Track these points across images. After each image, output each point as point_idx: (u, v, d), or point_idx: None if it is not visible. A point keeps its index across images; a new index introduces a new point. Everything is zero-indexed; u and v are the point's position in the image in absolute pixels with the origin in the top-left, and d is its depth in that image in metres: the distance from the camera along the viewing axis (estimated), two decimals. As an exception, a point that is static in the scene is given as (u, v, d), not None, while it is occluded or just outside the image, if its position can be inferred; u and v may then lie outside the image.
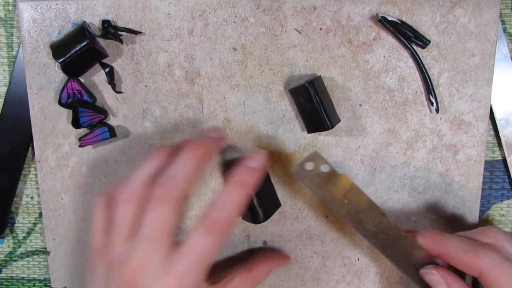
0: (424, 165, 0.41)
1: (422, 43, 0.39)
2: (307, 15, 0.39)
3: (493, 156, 0.43)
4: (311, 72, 0.40)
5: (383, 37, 0.39)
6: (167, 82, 0.41)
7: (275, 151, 0.41)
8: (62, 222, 0.43)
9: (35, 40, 0.41)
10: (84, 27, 0.39)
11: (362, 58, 0.40)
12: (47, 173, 0.43)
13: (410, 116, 0.40)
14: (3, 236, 0.47)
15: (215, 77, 0.41)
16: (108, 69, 0.41)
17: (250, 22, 0.40)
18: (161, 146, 0.37)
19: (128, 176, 0.33)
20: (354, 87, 0.40)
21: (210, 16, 0.40)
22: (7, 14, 0.43)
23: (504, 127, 0.42)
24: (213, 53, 0.40)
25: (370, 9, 0.39)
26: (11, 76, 0.43)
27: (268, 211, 0.39)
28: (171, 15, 0.40)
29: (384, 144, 0.41)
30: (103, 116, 0.41)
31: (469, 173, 0.41)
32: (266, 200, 0.39)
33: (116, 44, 0.40)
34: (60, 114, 0.42)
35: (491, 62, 0.39)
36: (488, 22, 0.39)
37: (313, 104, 0.37)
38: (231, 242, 0.43)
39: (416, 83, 0.40)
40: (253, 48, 0.40)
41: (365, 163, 0.41)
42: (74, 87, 0.40)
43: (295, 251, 0.43)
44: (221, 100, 0.41)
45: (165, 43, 0.40)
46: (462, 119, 0.40)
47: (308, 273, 0.43)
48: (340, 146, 0.41)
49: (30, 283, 0.48)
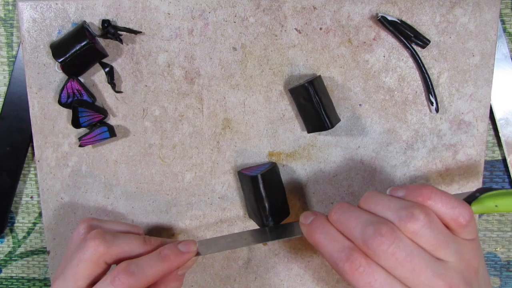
0: (424, 165, 0.41)
1: (422, 43, 0.39)
2: (307, 15, 0.39)
3: (493, 156, 0.43)
4: (311, 72, 0.40)
5: (383, 37, 0.39)
6: (167, 81, 0.41)
7: (275, 151, 0.41)
8: (62, 222, 0.43)
9: (35, 40, 0.41)
10: (84, 26, 0.39)
11: (362, 58, 0.40)
12: (47, 173, 0.43)
13: (410, 116, 0.40)
14: (3, 236, 0.47)
15: (215, 76, 0.41)
16: (108, 68, 0.41)
17: (250, 22, 0.40)
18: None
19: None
20: (354, 87, 0.40)
21: (210, 16, 0.40)
22: (7, 14, 0.43)
23: (504, 127, 0.42)
24: (213, 53, 0.40)
25: (370, 9, 0.39)
26: (11, 75, 0.43)
27: (277, 212, 0.39)
28: (171, 15, 0.40)
29: (384, 143, 0.41)
30: (103, 116, 0.41)
31: (469, 173, 0.41)
32: (276, 201, 0.39)
33: (116, 43, 0.40)
34: (60, 114, 0.42)
35: (491, 62, 0.39)
36: (488, 21, 0.39)
37: (313, 104, 0.37)
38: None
39: (416, 82, 0.40)
40: (253, 48, 0.40)
41: (365, 163, 0.41)
42: (74, 86, 0.40)
43: (295, 251, 0.43)
44: (221, 100, 0.41)
45: (165, 43, 0.40)
46: (462, 118, 0.40)
47: (308, 273, 0.43)
48: (340, 146, 0.41)
49: (30, 283, 0.48)
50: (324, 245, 0.30)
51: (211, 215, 0.43)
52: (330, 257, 0.30)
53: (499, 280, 0.45)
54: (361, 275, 0.28)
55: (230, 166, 0.42)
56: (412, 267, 0.28)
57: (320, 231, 0.31)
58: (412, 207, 0.29)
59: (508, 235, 0.44)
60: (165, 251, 0.35)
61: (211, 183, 0.42)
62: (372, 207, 0.31)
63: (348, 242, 0.29)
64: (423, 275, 0.28)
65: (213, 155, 0.42)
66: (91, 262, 0.33)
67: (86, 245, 0.34)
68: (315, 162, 0.41)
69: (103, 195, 0.43)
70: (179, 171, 0.42)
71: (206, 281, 0.44)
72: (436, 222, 0.29)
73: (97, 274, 0.34)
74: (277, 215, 0.39)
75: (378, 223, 0.29)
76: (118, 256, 0.34)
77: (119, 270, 0.33)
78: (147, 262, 0.34)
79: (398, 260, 0.28)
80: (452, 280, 0.28)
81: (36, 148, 0.42)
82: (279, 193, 0.40)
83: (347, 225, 0.30)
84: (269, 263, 0.43)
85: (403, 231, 0.28)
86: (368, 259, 0.28)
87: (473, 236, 0.31)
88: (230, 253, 0.43)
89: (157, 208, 0.43)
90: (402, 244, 0.28)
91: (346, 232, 0.30)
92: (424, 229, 0.28)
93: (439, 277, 0.28)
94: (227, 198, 0.42)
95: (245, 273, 0.44)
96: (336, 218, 0.31)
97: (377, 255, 0.28)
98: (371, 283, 0.28)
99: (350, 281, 0.29)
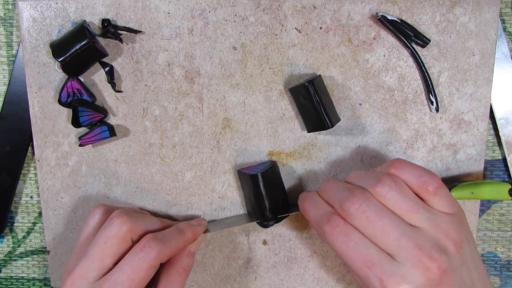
0: (424, 165, 0.41)
1: (422, 42, 0.39)
2: (307, 14, 0.39)
3: (493, 156, 0.43)
4: (311, 71, 0.40)
5: (383, 36, 0.39)
6: (167, 81, 0.41)
7: (275, 151, 0.41)
8: (62, 221, 0.43)
9: (35, 39, 0.41)
10: (84, 26, 0.39)
11: (362, 57, 0.40)
12: (47, 172, 0.43)
13: (410, 115, 0.40)
14: (2, 236, 0.47)
15: (215, 76, 0.41)
16: (108, 68, 0.40)
17: (250, 21, 0.40)
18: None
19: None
20: (354, 86, 0.40)
21: (210, 15, 0.40)
22: (7, 13, 0.43)
23: (504, 126, 0.42)
24: (213, 52, 0.40)
25: (370, 8, 0.39)
26: (10, 75, 0.43)
27: (277, 211, 0.39)
28: (171, 14, 0.40)
29: (384, 143, 0.41)
30: (103, 115, 0.41)
31: (469, 173, 0.41)
32: (276, 200, 0.39)
33: (116, 43, 0.40)
34: (60, 113, 0.42)
35: (491, 61, 0.39)
36: (488, 21, 0.39)
37: (313, 103, 0.37)
38: (231, 241, 0.43)
39: (416, 82, 0.40)
40: (253, 47, 0.40)
41: (365, 163, 0.41)
42: (74, 86, 0.40)
43: (295, 251, 0.43)
44: (221, 99, 0.41)
45: (165, 42, 0.40)
46: (462, 118, 0.40)
47: (308, 272, 0.43)
48: (340, 145, 0.41)
49: (30, 283, 0.48)
50: (311, 211, 0.35)
51: (211, 215, 0.43)
52: (315, 221, 0.33)
53: (499, 280, 0.45)
54: (338, 235, 0.31)
55: (230, 166, 0.42)
56: (381, 225, 0.30)
57: (308, 200, 0.35)
58: (382, 175, 0.32)
59: (508, 235, 0.44)
60: (181, 226, 0.38)
61: (211, 183, 0.42)
62: (353, 180, 0.34)
63: (330, 208, 0.33)
64: (392, 235, 0.30)
65: (213, 155, 0.42)
66: (119, 238, 0.34)
67: (113, 223, 0.35)
68: (315, 161, 0.41)
69: (103, 195, 0.43)
70: (179, 170, 0.42)
71: (206, 281, 0.44)
72: (404, 188, 0.32)
73: (123, 251, 0.35)
74: (277, 213, 0.39)
75: (353, 188, 0.32)
76: (143, 232, 0.36)
77: (147, 239, 0.34)
78: (170, 233, 0.36)
79: (368, 219, 0.31)
80: (422, 243, 0.30)
81: (36, 148, 0.42)
82: (279, 191, 0.40)
83: (330, 193, 0.34)
84: (269, 263, 0.43)
85: (373, 195, 0.32)
86: (345, 221, 0.31)
87: (451, 210, 0.32)
88: (230, 253, 0.43)
89: (157, 207, 0.43)
90: (372, 204, 0.31)
91: (329, 200, 0.34)
92: (392, 192, 0.31)
93: (407, 237, 0.30)
94: (227, 198, 0.42)
95: (245, 273, 0.44)
96: (323, 189, 0.35)
97: (351, 215, 0.31)
98: (347, 241, 0.31)
99: (329, 241, 0.32)
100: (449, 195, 0.33)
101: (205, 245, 0.43)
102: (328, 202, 0.34)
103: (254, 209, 0.40)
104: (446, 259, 0.30)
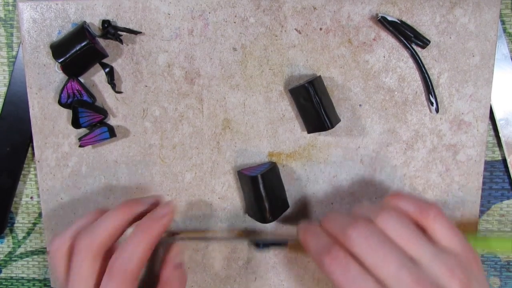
0: (424, 165, 0.41)
1: (422, 43, 0.39)
2: (307, 15, 0.39)
3: (493, 156, 0.43)
4: (311, 72, 0.40)
5: (383, 37, 0.39)
6: (167, 82, 0.41)
7: (275, 151, 0.41)
8: (62, 222, 0.43)
9: (35, 40, 0.41)
10: (84, 27, 0.39)
11: (362, 58, 0.40)
12: (47, 173, 0.43)
13: (410, 116, 0.40)
14: (2, 236, 0.47)
15: (215, 77, 0.41)
16: (108, 69, 0.41)
17: (250, 22, 0.40)
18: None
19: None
20: (354, 87, 0.40)
21: (210, 16, 0.40)
22: (7, 14, 0.43)
23: (504, 127, 0.42)
24: (213, 53, 0.40)
25: (370, 9, 0.39)
26: (11, 76, 0.43)
27: (277, 212, 0.40)
28: (171, 15, 0.40)
29: (384, 144, 0.41)
30: (103, 116, 0.41)
31: (469, 173, 0.41)
32: (276, 201, 0.39)
33: (116, 44, 0.40)
34: (60, 114, 0.42)
35: (491, 62, 0.39)
36: (488, 22, 0.39)
37: (313, 104, 0.37)
38: (231, 241, 0.43)
39: (416, 83, 0.40)
40: (253, 48, 0.40)
41: (365, 163, 0.41)
42: (74, 87, 0.40)
43: (295, 251, 0.43)
44: (221, 100, 0.41)
45: (165, 43, 0.40)
46: (462, 119, 0.40)
47: (308, 273, 0.43)
48: (340, 146, 0.41)
49: (30, 283, 0.48)
50: (311, 243, 0.34)
51: (211, 215, 0.43)
52: (315, 252, 0.33)
53: (499, 280, 0.45)
54: (337, 266, 0.31)
55: (230, 167, 0.42)
56: (383, 254, 0.30)
57: (309, 232, 0.35)
58: (385, 205, 0.33)
59: (508, 235, 0.44)
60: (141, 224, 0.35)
61: (211, 184, 0.42)
62: (356, 212, 0.34)
63: (331, 239, 0.33)
64: (392, 265, 0.29)
65: (213, 156, 0.42)
66: (90, 271, 0.33)
67: (78, 265, 0.33)
68: (315, 162, 0.41)
69: (103, 195, 0.43)
70: (179, 171, 0.42)
71: (206, 282, 0.44)
72: (406, 218, 0.32)
73: (99, 267, 0.33)
74: (277, 215, 0.39)
75: (356, 217, 0.32)
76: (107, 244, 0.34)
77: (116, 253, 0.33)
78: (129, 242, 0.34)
79: (370, 246, 0.30)
80: (421, 277, 0.29)
81: (36, 149, 0.42)
82: (279, 193, 0.40)
83: (333, 223, 0.33)
84: (269, 263, 0.43)
85: (376, 224, 0.31)
86: (346, 253, 0.31)
87: (456, 244, 0.31)
88: (230, 253, 0.43)
89: (157, 208, 0.43)
90: (376, 232, 0.31)
91: (331, 229, 0.33)
92: (393, 222, 0.31)
93: (407, 270, 0.29)
94: (227, 198, 0.42)
95: (245, 273, 0.44)
96: (325, 220, 0.35)
97: (353, 241, 0.31)
98: (345, 273, 0.30)
99: (328, 271, 0.31)
100: (451, 224, 0.32)
101: (205, 245, 0.43)
102: (329, 233, 0.33)
103: (254, 210, 0.40)
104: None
